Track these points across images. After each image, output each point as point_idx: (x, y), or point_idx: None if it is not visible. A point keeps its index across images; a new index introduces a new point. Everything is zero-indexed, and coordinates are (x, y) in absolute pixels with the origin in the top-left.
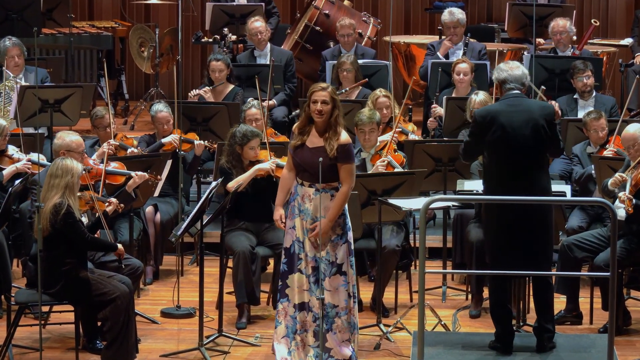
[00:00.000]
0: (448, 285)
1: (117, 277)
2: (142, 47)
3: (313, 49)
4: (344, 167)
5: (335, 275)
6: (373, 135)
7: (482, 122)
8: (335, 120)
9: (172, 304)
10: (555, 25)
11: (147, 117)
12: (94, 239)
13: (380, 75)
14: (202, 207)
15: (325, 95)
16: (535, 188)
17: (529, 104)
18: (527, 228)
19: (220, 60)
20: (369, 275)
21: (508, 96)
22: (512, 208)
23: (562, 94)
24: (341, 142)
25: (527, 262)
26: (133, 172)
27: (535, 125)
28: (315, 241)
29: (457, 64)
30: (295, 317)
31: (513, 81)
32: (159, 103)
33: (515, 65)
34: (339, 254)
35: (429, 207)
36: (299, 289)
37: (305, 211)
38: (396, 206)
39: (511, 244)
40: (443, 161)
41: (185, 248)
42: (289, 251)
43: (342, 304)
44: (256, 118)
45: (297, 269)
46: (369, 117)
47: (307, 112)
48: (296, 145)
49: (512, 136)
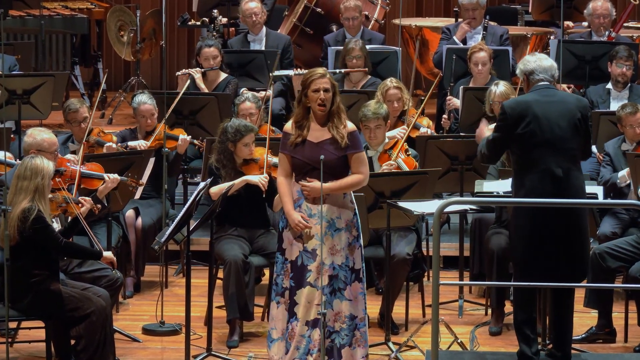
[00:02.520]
0: (465, 299)
1: (93, 290)
2: (121, 31)
3: (314, 33)
4: (356, 156)
5: (354, 282)
6: (380, 131)
7: (512, 114)
8: (338, 107)
9: (155, 320)
10: (595, 7)
11: (127, 110)
12: (70, 244)
13: (389, 62)
14: (189, 211)
15: (326, 82)
16: (572, 189)
17: (563, 95)
18: (561, 234)
19: (213, 45)
20: (377, 287)
21: (538, 87)
22: (546, 210)
23: (592, 83)
24: (349, 129)
25: (561, 273)
26: (106, 175)
27: (572, 118)
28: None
29: (474, 53)
30: (308, 335)
31: (542, 72)
32: (142, 94)
33: (542, 56)
34: (357, 258)
35: (443, 211)
36: (310, 304)
37: (318, 214)
38: (407, 210)
39: (544, 252)
40: (459, 159)
41: (170, 257)
42: (295, 264)
43: (361, 314)
44: (251, 112)
45: (307, 282)
46: (375, 111)
47: (304, 103)
48: (296, 142)
49: (548, 129)
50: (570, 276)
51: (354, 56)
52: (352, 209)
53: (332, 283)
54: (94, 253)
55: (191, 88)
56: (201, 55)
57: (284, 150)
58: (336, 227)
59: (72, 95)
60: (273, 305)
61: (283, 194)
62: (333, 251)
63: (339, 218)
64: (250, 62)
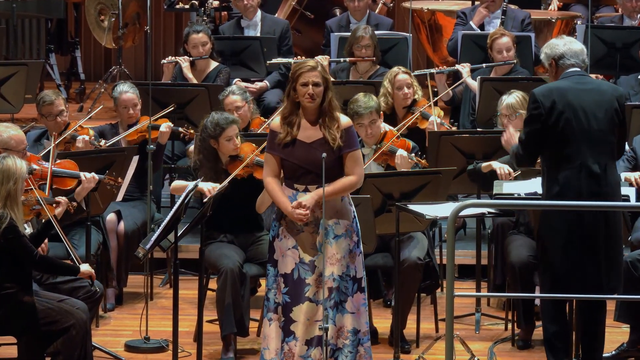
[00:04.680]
0: (483, 312)
1: (70, 302)
2: (101, 16)
3: (315, 17)
4: (351, 155)
5: (357, 293)
6: (375, 126)
7: (545, 101)
8: (330, 104)
9: (139, 335)
10: None
11: (108, 102)
12: (44, 258)
13: (398, 50)
14: (177, 215)
15: (315, 75)
16: (609, 187)
17: (598, 82)
18: (596, 239)
19: (202, 31)
20: (385, 300)
21: (569, 74)
22: (579, 214)
23: (623, 73)
24: (343, 126)
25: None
26: (82, 174)
27: (609, 109)
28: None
29: (495, 39)
30: (309, 355)
31: (573, 56)
32: (124, 84)
33: (571, 39)
34: (358, 266)
35: (458, 215)
36: (310, 322)
37: (314, 221)
38: (418, 213)
39: (577, 259)
40: (476, 157)
41: (155, 265)
42: (291, 278)
43: (364, 327)
44: (237, 106)
45: (305, 297)
46: (365, 105)
47: (292, 98)
48: (285, 142)
49: (585, 120)
50: (603, 287)
51: (363, 45)
52: (351, 212)
53: (332, 296)
54: (71, 269)
55: (178, 78)
56: (189, 42)
57: (272, 150)
58: (335, 234)
59: (46, 86)
60: (265, 322)
61: (275, 193)
62: (333, 261)
63: (338, 224)
64: (244, 50)
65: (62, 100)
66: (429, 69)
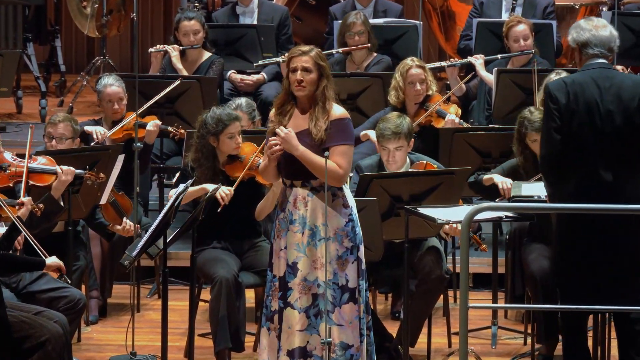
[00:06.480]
0: (500, 325)
1: (47, 314)
2: (83, 2)
3: (316, 3)
4: (334, 149)
5: (347, 303)
6: (400, 153)
7: (559, 96)
8: (323, 93)
9: (124, 350)
10: None
11: (90, 97)
12: (4, 255)
13: (408, 39)
14: (166, 219)
15: (306, 60)
16: (621, 199)
17: (622, 77)
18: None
19: (194, 18)
20: (392, 312)
21: (590, 66)
22: (596, 220)
23: None
24: (334, 116)
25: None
26: (58, 168)
27: (627, 108)
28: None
29: (512, 27)
30: None
31: (598, 45)
32: (109, 76)
33: (601, 23)
34: (350, 274)
35: (473, 219)
36: (292, 330)
37: (300, 219)
38: (429, 217)
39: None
40: (492, 156)
41: (142, 274)
42: (283, 281)
43: (357, 342)
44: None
45: (288, 303)
46: (395, 130)
47: (286, 85)
48: (274, 131)
49: (603, 119)
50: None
51: (355, 32)
52: (346, 214)
53: (316, 303)
54: (36, 263)
55: (168, 70)
56: (180, 30)
57: (266, 140)
58: (320, 237)
59: (24, 78)
60: (263, 332)
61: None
62: (316, 265)
63: (325, 225)
64: (240, 39)
65: (70, 125)
66: (440, 62)
